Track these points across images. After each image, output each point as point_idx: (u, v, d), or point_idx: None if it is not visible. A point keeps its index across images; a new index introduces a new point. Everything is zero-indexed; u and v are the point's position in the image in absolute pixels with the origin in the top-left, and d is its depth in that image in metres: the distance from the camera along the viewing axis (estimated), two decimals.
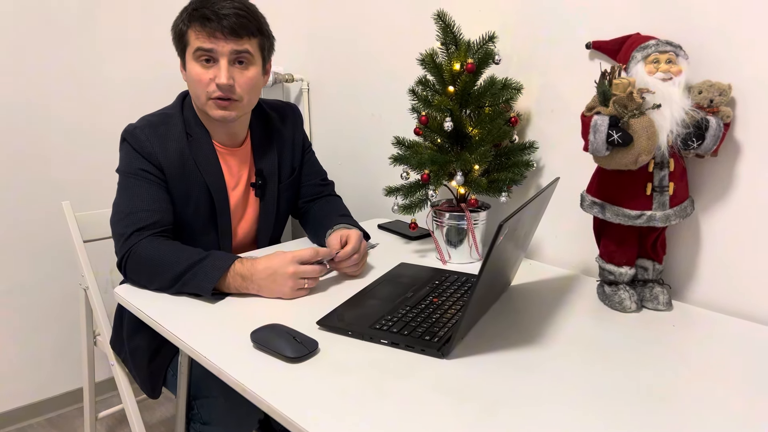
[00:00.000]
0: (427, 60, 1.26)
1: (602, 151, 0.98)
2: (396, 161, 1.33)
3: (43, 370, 1.96)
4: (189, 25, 1.22)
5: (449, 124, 1.22)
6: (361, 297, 1.13)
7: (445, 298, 1.11)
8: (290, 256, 1.12)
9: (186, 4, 1.25)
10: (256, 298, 1.14)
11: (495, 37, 1.23)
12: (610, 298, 1.11)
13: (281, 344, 0.93)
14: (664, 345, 0.97)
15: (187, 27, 1.22)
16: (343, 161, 1.87)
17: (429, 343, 0.94)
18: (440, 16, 1.25)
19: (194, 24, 1.20)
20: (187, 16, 1.22)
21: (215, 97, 1.23)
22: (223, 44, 1.20)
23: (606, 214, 1.07)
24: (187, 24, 1.22)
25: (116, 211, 1.24)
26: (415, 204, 1.32)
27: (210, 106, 1.25)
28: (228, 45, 1.20)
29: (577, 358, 0.93)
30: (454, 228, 1.32)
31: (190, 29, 1.22)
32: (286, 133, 1.46)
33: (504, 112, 1.26)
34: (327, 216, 1.42)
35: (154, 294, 1.16)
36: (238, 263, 1.13)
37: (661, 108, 0.97)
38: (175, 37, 1.26)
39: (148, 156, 1.25)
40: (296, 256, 1.13)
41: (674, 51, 1.00)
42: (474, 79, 1.25)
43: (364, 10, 1.69)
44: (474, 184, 1.26)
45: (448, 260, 1.34)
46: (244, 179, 1.39)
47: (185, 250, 1.17)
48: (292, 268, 1.11)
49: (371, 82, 1.72)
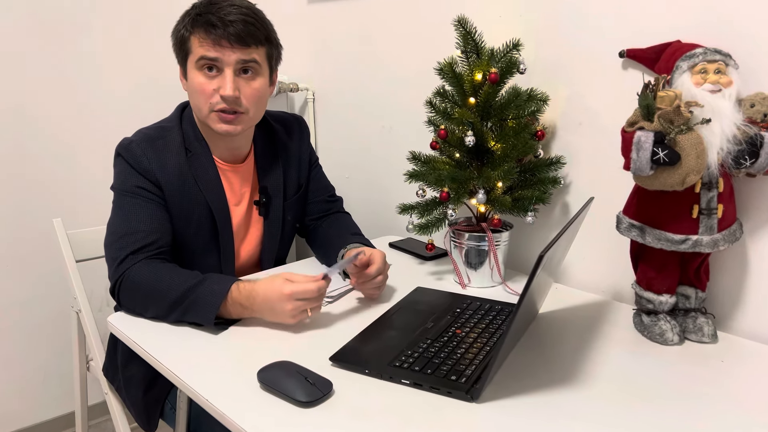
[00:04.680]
0: (446, 69, 1.17)
1: (646, 170, 0.89)
2: (411, 177, 1.23)
3: (34, 394, 1.87)
4: (192, 31, 1.12)
5: (471, 138, 1.13)
6: (377, 327, 1.04)
7: (469, 329, 1.02)
8: (283, 280, 1.02)
9: (188, 8, 1.15)
10: (262, 328, 1.05)
11: (520, 45, 1.14)
12: (650, 329, 1.01)
13: (292, 386, 0.83)
14: (715, 383, 0.87)
15: (190, 33, 1.13)
16: (350, 175, 1.78)
17: (456, 384, 0.85)
18: (461, 23, 1.16)
19: (197, 30, 1.11)
20: (189, 21, 1.13)
21: (219, 110, 1.14)
22: (229, 53, 1.11)
23: (646, 239, 0.98)
24: (190, 30, 1.12)
25: (110, 232, 1.15)
26: (432, 223, 1.23)
27: (213, 119, 1.16)
28: (234, 54, 1.11)
29: (619, 399, 0.83)
30: (474, 249, 1.22)
31: (192, 35, 1.12)
32: (291, 147, 1.37)
33: (529, 124, 1.17)
34: (338, 235, 1.32)
35: (151, 323, 1.07)
36: (236, 290, 1.04)
37: (710, 123, 0.88)
38: (176, 43, 1.17)
39: (144, 172, 1.15)
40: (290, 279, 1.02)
41: (723, 60, 0.91)
42: (496, 89, 1.16)
43: (372, 15, 1.60)
44: (497, 202, 1.16)
45: (468, 284, 1.25)
46: (246, 197, 1.30)
47: (181, 273, 1.08)
48: (288, 289, 1.01)
49: (381, 91, 1.63)
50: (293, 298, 1.00)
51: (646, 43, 1.07)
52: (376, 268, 1.11)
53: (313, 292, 1.01)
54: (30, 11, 1.66)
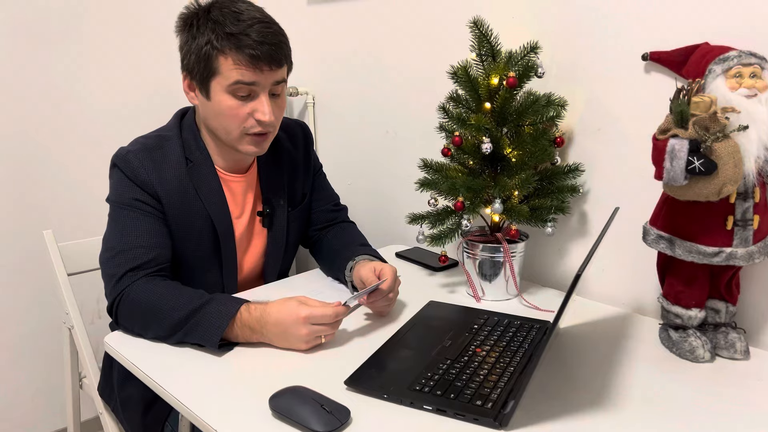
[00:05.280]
0: (460, 73, 1.12)
1: (680, 180, 0.84)
2: (423, 186, 1.18)
3: (24, 410, 1.79)
4: (221, 50, 1.02)
5: (488, 146, 1.08)
6: (392, 347, 0.98)
7: (489, 347, 0.97)
8: (298, 302, 0.97)
9: (201, 14, 1.05)
10: (268, 348, 0.98)
11: (538, 48, 1.09)
12: (679, 345, 0.96)
13: (307, 415, 0.77)
14: (755, 404, 0.83)
15: (218, 51, 1.03)
16: (353, 182, 1.72)
17: (482, 410, 0.79)
18: (476, 24, 1.10)
19: (230, 50, 1.02)
20: (217, 38, 1.02)
21: (253, 133, 1.09)
22: (267, 75, 1.05)
23: (676, 251, 0.93)
24: (219, 47, 1.02)
25: (107, 247, 1.08)
26: (445, 234, 1.17)
27: (245, 143, 1.10)
28: (271, 76, 1.06)
29: (655, 422, 0.78)
30: (489, 261, 1.17)
31: (222, 55, 1.03)
32: (296, 155, 1.31)
33: (547, 130, 1.12)
34: (345, 246, 1.27)
35: (150, 343, 1.01)
36: (245, 311, 0.97)
37: (747, 129, 0.83)
38: (198, 59, 1.05)
39: (142, 184, 1.09)
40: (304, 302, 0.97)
41: (759, 63, 0.87)
42: (513, 94, 1.10)
43: (375, 16, 1.55)
44: (514, 212, 1.11)
45: (482, 297, 1.20)
46: (249, 207, 1.24)
47: (184, 293, 1.01)
48: (304, 312, 0.95)
49: (385, 95, 1.57)
50: (309, 322, 0.94)
51: (670, 45, 1.02)
52: (388, 285, 1.06)
53: (330, 317, 0.95)
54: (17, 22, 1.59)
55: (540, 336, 1.00)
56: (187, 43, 1.08)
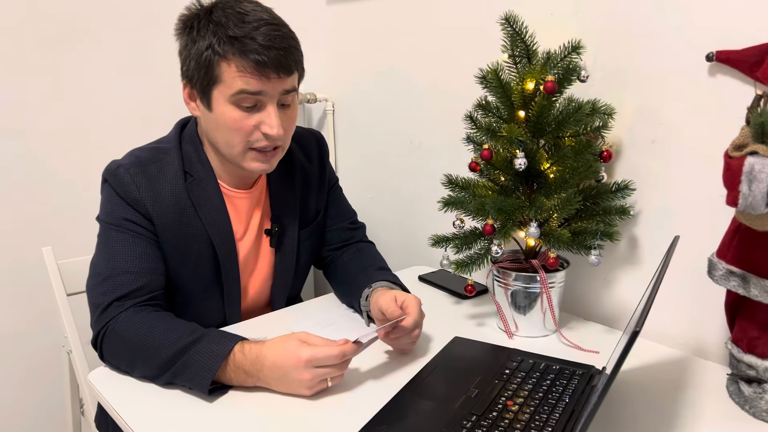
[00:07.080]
0: (490, 77, 0.98)
1: (760, 207, 0.69)
2: (447, 206, 1.04)
3: None
4: (224, 56, 0.92)
5: (522, 161, 0.94)
6: (409, 395, 0.85)
7: (522, 400, 0.82)
8: (298, 342, 0.84)
9: (202, 15, 0.94)
10: (268, 393, 0.86)
11: (580, 47, 0.94)
12: (753, 403, 0.80)
13: None
14: None
15: (220, 57, 0.92)
16: (374, 196, 1.59)
17: None
18: (508, 21, 0.96)
19: (233, 56, 0.91)
20: (219, 41, 0.91)
21: (259, 148, 0.98)
22: (275, 83, 0.93)
23: (750, 290, 0.77)
24: (221, 53, 0.92)
25: (93, 272, 0.98)
26: (472, 260, 1.03)
27: (249, 158, 0.99)
28: (279, 85, 0.94)
29: None
30: (523, 291, 1.03)
31: (224, 61, 0.92)
32: (309, 168, 1.19)
33: (592, 143, 0.97)
34: (362, 270, 1.14)
35: (138, 383, 0.90)
36: (239, 352, 0.85)
37: None
38: (199, 66, 0.94)
39: (133, 203, 0.98)
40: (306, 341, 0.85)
41: None
42: (552, 101, 0.96)
43: (399, 17, 1.42)
44: (553, 237, 0.97)
45: (515, 333, 1.05)
46: (255, 224, 1.12)
47: (175, 327, 0.90)
48: (306, 354, 0.82)
49: (410, 102, 1.44)
50: (312, 365, 0.82)
51: (740, 43, 0.86)
52: (413, 320, 0.92)
53: (336, 358, 0.83)
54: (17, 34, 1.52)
55: (582, 386, 0.85)
56: (187, 48, 0.96)
